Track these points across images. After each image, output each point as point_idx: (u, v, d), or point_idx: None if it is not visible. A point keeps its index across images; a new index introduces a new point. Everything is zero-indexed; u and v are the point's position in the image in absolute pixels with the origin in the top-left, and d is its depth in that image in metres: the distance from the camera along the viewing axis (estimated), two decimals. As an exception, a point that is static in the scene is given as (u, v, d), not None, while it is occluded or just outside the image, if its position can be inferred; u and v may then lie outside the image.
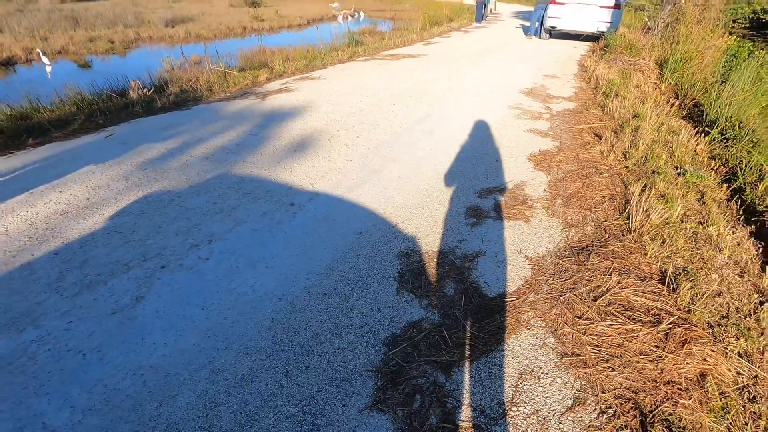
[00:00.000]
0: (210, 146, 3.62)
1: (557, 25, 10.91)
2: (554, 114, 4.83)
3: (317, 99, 5.21)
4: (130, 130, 4.09)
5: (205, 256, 2.16)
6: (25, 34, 15.63)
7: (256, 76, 6.49)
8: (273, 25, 22.07)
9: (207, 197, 2.75)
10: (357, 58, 8.44)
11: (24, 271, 2.01)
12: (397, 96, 5.40)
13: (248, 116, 4.51)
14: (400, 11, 30.98)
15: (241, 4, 32.55)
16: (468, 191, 2.95)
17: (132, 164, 3.25)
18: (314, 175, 3.11)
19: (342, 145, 3.71)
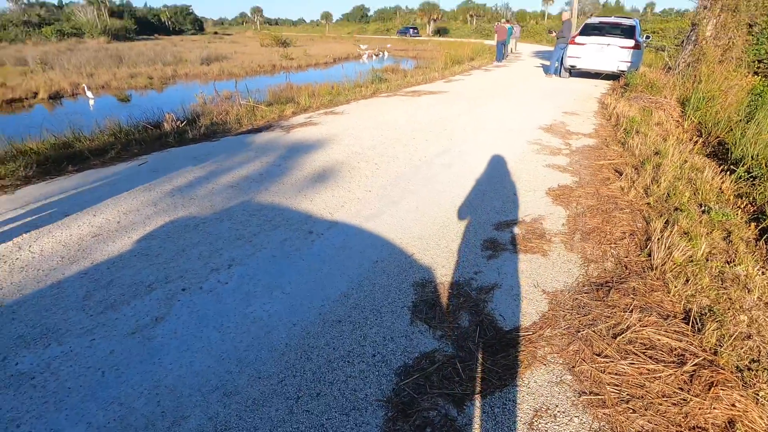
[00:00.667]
0: (235, 175, 3.77)
1: (577, 65, 11.09)
2: (574, 150, 4.84)
3: (340, 132, 5.39)
4: (162, 159, 4.31)
5: (224, 280, 2.22)
6: (73, 71, 16.86)
7: (282, 111, 6.79)
8: (301, 63, 23.18)
9: (230, 223, 2.84)
10: (379, 95, 8.74)
11: (54, 290, 2.11)
12: (418, 130, 5.53)
13: (273, 148, 4.70)
14: (422, 51, 32.17)
15: (271, 44, 34.47)
16: (485, 224, 2.95)
17: (161, 191, 3.40)
18: (333, 205, 3.19)
19: (362, 176, 3.80)
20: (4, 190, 3.47)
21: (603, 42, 10.57)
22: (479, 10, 73.62)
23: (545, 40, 39.47)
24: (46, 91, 13.40)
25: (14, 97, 12.76)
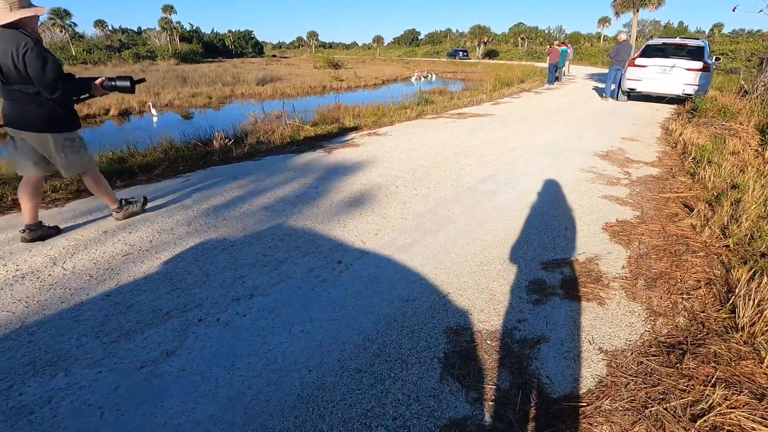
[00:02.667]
0: (271, 196, 3.72)
1: (637, 87, 10.44)
2: (634, 180, 4.40)
3: (381, 155, 5.27)
4: (204, 176, 4.36)
5: (243, 312, 2.08)
6: (143, 90, 18.24)
7: (327, 131, 6.81)
8: (350, 85, 23.73)
9: (258, 248, 2.74)
10: (424, 116, 8.62)
11: (75, 311, 2.06)
12: (461, 154, 5.30)
13: (312, 169, 4.64)
14: (471, 73, 32.03)
15: (324, 66, 35.77)
16: (531, 262, 2.65)
17: (197, 210, 3.39)
18: (367, 232, 3.01)
19: (399, 202, 3.62)
20: (55, 203, 3.61)
21: (667, 64, 9.89)
22: (531, 33, 72.78)
23: (600, 63, 38.11)
24: (116, 109, 14.51)
25: (89, 113, 13.90)
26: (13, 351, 1.79)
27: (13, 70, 2.40)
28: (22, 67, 2.39)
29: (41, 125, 2.58)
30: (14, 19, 2.37)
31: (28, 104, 2.53)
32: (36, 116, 2.56)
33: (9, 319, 2.00)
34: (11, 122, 2.59)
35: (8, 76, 2.44)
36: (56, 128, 2.64)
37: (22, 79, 2.45)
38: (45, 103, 2.54)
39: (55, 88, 2.49)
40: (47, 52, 2.47)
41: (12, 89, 2.49)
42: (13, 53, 2.36)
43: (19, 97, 2.52)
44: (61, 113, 2.64)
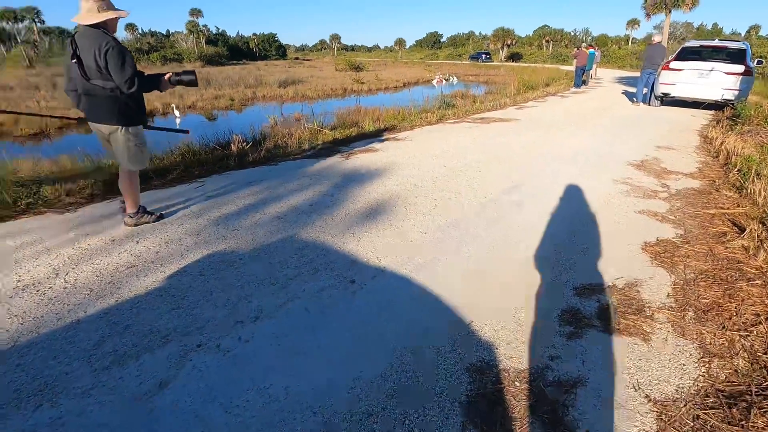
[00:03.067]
0: (284, 205, 3.57)
1: (671, 92, 9.94)
2: (673, 193, 4.07)
3: (400, 161, 5.07)
4: (218, 182, 4.26)
5: (246, 337, 1.92)
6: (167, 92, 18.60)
7: (345, 135, 6.66)
8: (371, 88, 23.65)
9: (267, 263, 2.58)
10: (446, 121, 8.38)
11: (70, 330, 1.94)
12: (484, 162, 5.05)
13: (329, 175, 4.48)
14: (494, 76, 31.48)
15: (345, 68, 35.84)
16: (563, 286, 2.41)
17: (208, 218, 3.27)
18: (382, 248, 2.82)
19: (418, 214, 3.41)
20: (67, 208, 3.55)
21: (705, 67, 9.37)
22: (556, 35, 71.38)
23: (629, 66, 36.96)
24: (141, 110, 14.82)
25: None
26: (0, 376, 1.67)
27: (94, 67, 2.61)
28: (103, 64, 2.59)
29: (114, 118, 2.78)
30: (100, 21, 2.61)
31: (105, 99, 2.73)
32: (110, 110, 2.75)
33: (1, 339, 1.88)
34: (89, 116, 2.83)
35: (89, 72, 2.65)
36: (126, 122, 2.83)
37: (102, 76, 2.65)
38: (119, 98, 2.74)
39: (132, 83, 2.68)
40: (126, 51, 2.68)
41: (92, 85, 2.69)
42: (96, 51, 2.57)
43: (98, 92, 2.71)
44: (132, 108, 2.83)
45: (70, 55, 2.65)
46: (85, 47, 2.60)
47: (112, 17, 2.66)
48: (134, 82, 2.69)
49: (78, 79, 2.69)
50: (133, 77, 2.68)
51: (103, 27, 2.65)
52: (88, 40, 2.59)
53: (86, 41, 2.60)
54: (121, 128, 2.82)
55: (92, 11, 2.59)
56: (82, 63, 2.63)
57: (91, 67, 2.62)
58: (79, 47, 2.62)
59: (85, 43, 2.60)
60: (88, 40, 2.60)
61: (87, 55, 2.60)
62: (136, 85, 2.70)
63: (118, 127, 2.81)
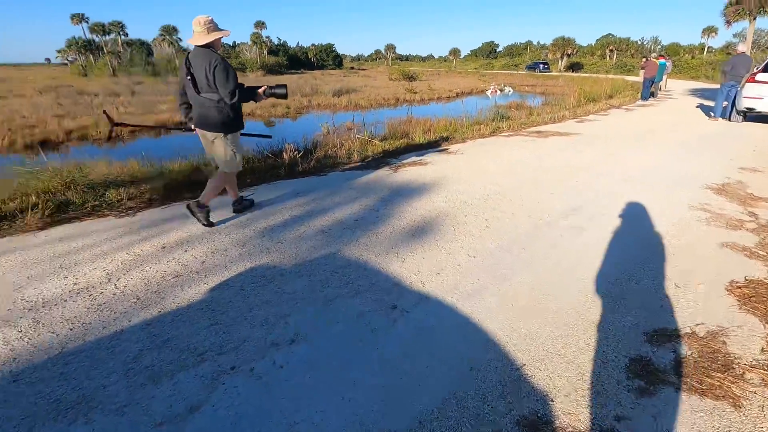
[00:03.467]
0: (329, 219, 3.52)
1: (757, 107, 8.96)
2: (764, 224, 3.57)
3: (450, 175, 4.90)
4: (268, 191, 4.31)
5: (281, 361, 1.84)
6: (230, 100, 19.63)
7: (395, 146, 6.58)
8: (423, 97, 23.59)
9: (307, 281, 2.51)
10: (500, 134, 8.08)
11: (113, 340, 1.96)
12: (541, 180, 4.75)
13: (376, 188, 4.40)
14: (551, 86, 30.30)
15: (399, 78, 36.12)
16: (632, 330, 2.12)
17: (254, 229, 3.28)
18: (428, 270, 2.66)
19: (467, 235, 3.22)
20: (127, 212, 3.73)
21: (800, 80, 8.35)
22: (621, 44, 67.71)
23: (703, 77, 34.13)
24: (204, 117, 15.71)
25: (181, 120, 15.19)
26: (43, 384, 1.70)
27: (204, 81, 2.99)
28: (211, 79, 2.97)
29: (218, 126, 3.14)
30: (209, 41, 2.99)
31: (211, 109, 3.09)
32: (215, 118, 3.11)
33: (51, 343, 1.94)
34: (198, 124, 3.21)
35: (200, 86, 3.03)
36: (228, 129, 3.18)
37: (210, 89, 3.02)
38: (223, 108, 3.09)
39: (234, 95, 3.03)
40: (230, 67, 3.03)
41: (202, 97, 3.07)
42: (206, 67, 2.95)
43: (206, 104, 3.08)
44: (233, 117, 3.17)
45: (185, 72, 3.05)
46: (197, 65, 2.99)
47: (218, 37, 3.03)
48: (235, 94, 3.03)
49: (191, 93, 3.10)
50: (235, 90, 3.02)
51: (211, 46, 3.04)
52: (200, 58, 2.98)
53: (198, 59, 2.99)
54: (222, 135, 3.17)
55: (203, 33, 2.98)
56: (194, 79, 3.02)
57: (202, 81, 3.01)
58: (192, 65, 3.02)
59: (197, 61, 2.99)
60: (199, 58, 2.98)
61: (199, 71, 2.99)
62: (236, 97, 3.04)
63: (220, 134, 3.17)
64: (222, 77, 2.96)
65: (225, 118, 3.13)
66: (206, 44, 3.00)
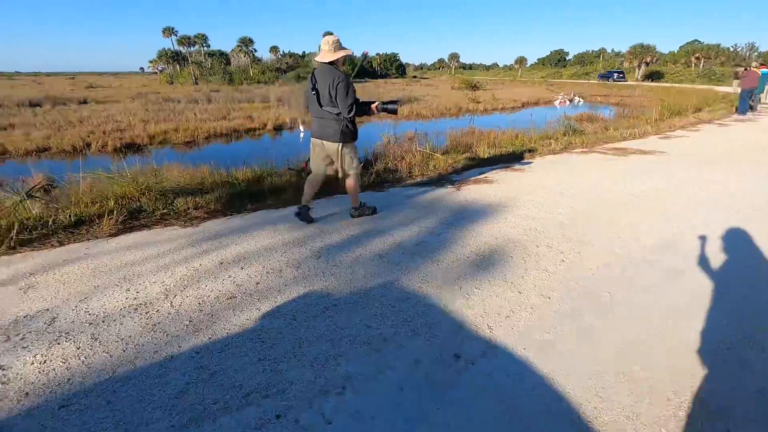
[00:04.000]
0: (388, 241, 3.32)
1: None
2: None
3: (518, 196, 4.52)
4: (326, 206, 4.22)
5: (329, 414, 1.65)
6: (296, 108, 20.32)
7: (457, 161, 6.30)
8: (487, 107, 22.94)
9: (362, 315, 2.32)
10: (572, 150, 7.49)
11: (161, 368, 1.89)
12: (623, 205, 4.23)
13: (438, 208, 4.15)
14: (627, 97, 28.19)
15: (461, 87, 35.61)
16: (754, 415, 1.69)
17: (310, 249, 3.17)
18: (495, 312, 2.37)
19: (540, 270, 2.88)
20: (191, 222, 3.80)
21: None
22: (709, 52, 61.77)
23: (815, 87, 29.87)
24: (272, 124, 16.32)
25: (251, 127, 15.90)
26: (90, 413, 1.65)
27: (327, 96, 3.29)
28: (333, 94, 3.25)
29: (337, 137, 3.43)
30: (334, 59, 3.28)
31: (331, 121, 3.40)
32: (334, 130, 3.41)
33: (104, 364, 1.91)
34: (318, 135, 3.53)
35: (323, 100, 3.33)
36: (345, 139, 3.47)
37: (331, 103, 3.31)
38: (341, 121, 3.38)
39: (351, 109, 3.31)
40: (350, 84, 3.28)
41: (323, 110, 3.37)
42: (330, 83, 3.24)
43: (327, 116, 3.39)
44: (350, 128, 3.46)
45: (311, 87, 3.36)
46: (321, 80, 3.29)
47: (342, 56, 3.32)
48: (353, 108, 3.32)
49: (314, 106, 3.40)
50: (353, 104, 3.31)
51: (335, 63, 3.32)
52: (325, 74, 3.28)
53: (323, 75, 3.29)
54: (340, 145, 3.47)
55: (329, 52, 3.28)
56: (318, 93, 3.32)
57: (325, 96, 3.30)
58: (317, 81, 3.32)
59: (322, 77, 3.29)
60: (324, 74, 3.28)
61: (323, 86, 3.28)
62: (354, 111, 3.33)
63: (339, 144, 3.46)
64: (342, 93, 3.23)
65: (344, 129, 3.41)
66: (331, 62, 3.28)
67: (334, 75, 3.24)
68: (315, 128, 3.54)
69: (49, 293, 2.53)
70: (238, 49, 60.35)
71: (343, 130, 3.41)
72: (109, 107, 20.45)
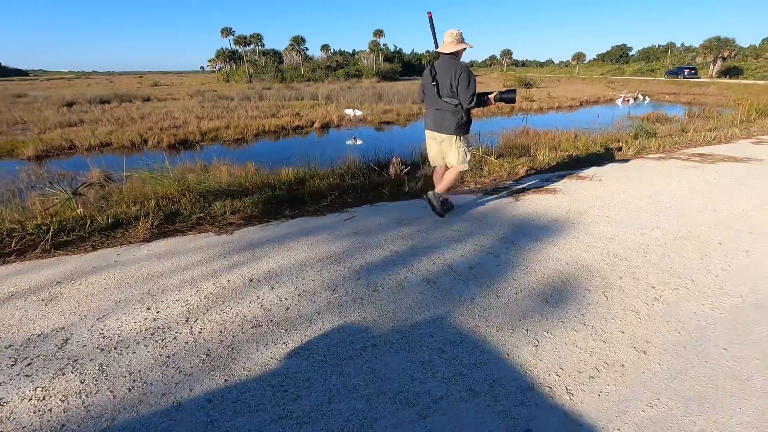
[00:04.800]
0: (437, 261, 2.89)
1: None
2: None
3: (589, 210, 3.92)
4: (369, 215, 3.85)
5: None
6: (344, 105, 20.23)
7: (514, 167, 5.71)
8: (542, 106, 21.73)
9: (406, 361, 1.92)
10: (646, 155, 6.64)
11: (166, 419, 1.59)
12: (722, 227, 3.52)
13: (494, 222, 3.65)
14: (700, 95, 25.72)
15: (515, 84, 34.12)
16: None
17: (349, 267, 2.81)
18: (574, 368, 1.88)
19: (628, 311, 2.32)
20: (226, 228, 3.56)
21: None
22: (800, 44, 55.35)
23: None
24: (320, 122, 16.25)
25: (299, 124, 15.93)
26: (74, 479, 1.37)
27: (448, 87, 3.28)
28: (455, 85, 3.24)
29: (452, 129, 3.42)
30: (456, 50, 3.29)
31: (447, 113, 3.40)
32: (450, 121, 3.41)
33: (104, 408, 1.64)
34: (433, 127, 3.56)
35: (443, 91, 3.33)
36: (460, 132, 3.46)
37: (451, 94, 3.30)
38: (458, 113, 3.37)
39: (472, 99, 3.28)
40: (471, 75, 3.24)
41: (442, 102, 3.37)
42: (452, 74, 3.24)
43: (444, 108, 3.39)
44: (465, 120, 3.44)
45: (431, 78, 3.35)
46: (442, 71, 3.30)
47: (464, 48, 3.33)
48: (473, 100, 3.28)
49: (431, 98, 3.44)
50: (474, 95, 3.28)
51: (455, 55, 3.33)
52: (446, 65, 3.29)
53: (444, 67, 3.30)
54: (456, 137, 3.47)
55: (452, 43, 3.30)
56: (438, 85, 3.32)
57: (445, 87, 3.30)
58: (438, 72, 3.33)
59: (443, 68, 3.30)
60: (445, 65, 3.30)
61: (443, 78, 3.29)
62: (474, 102, 3.29)
63: (455, 136, 3.47)
64: (465, 83, 3.22)
65: (459, 120, 3.40)
66: (452, 52, 3.29)
67: (457, 66, 3.25)
68: (430, 121, 3.57)
69: (69, 307, 2.35)
70: (291, 47, 61.75)
71: (459, 122, 3.40)
72: (169, 104, 21.41)
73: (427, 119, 3.61)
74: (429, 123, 3.59)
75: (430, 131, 3.60)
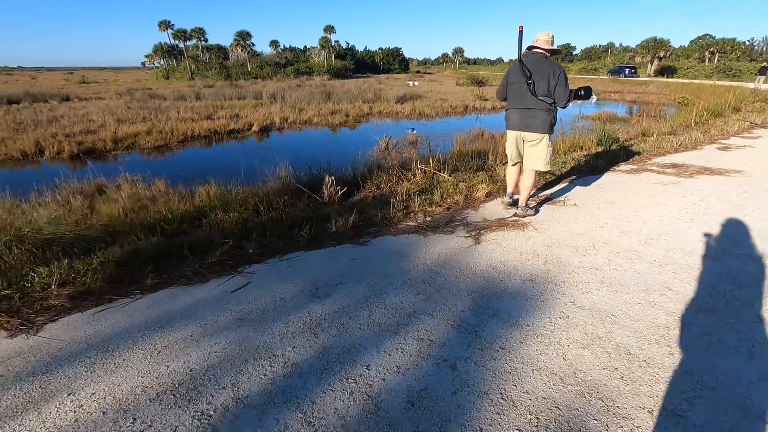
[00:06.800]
0: (357, 390, 1.74)
1: None
2: None
3: (569, 259, 2.93)
4: (271, 281, 2.64)
5: None
6: (289, 106, 18.63)
7: (472, 188, 4.69)
8: (495, 105, 21.23)
9: None
10: (617, 168, 5.85)
11: None
12: (746, 287, 2.61)
13: (448, 287, 2.56)
14: (642, 94, 26.40)
15: (466, 83, 33.87)
16: None
17: (205, 409, 1.60)
18: None
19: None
20: (33, 321, 2.24)
21: None
22: (724, 46, 59.57)
23: None
24: (258, 125, 14.63)
25: (234, 128, 14.24)
26: None
27: (545, 86, 3.29)
28: (553, 84, 3.27)
29: (544, 128, 3.41)
30: (552, 48, 3.40)
31: (540, 112, 3.37)
32: (542, 120, 3.38)
33: None
34: (519, 126, 3.50)
35: (538, 91, 3.30)
36: (549, 130, 3.44)
37: (547, 94, 3.31)
38: (551, 111, 3.38)
39: (568, 100, 3.32)
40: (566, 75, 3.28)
41: (537, 100, 3.33)
42: (551, 73, 3.27)
43: (537, 107, 3.36)
44: (554, 120, 3.44)
45: (526, 76, 3.28)
46: (538, 71, 3.27)
47: (556, 48, 3.41)
48: (569, 99, 3.28)
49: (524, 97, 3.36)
50: (569, 95, 3.28)
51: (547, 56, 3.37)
52: (544, 65, 3.28)
53: (541, 66, 3.28)
54: (546, 136, 3.43)
55: (549, 42, 3.38)
56: (534, 83, 3.26)
57: (542, 86, 3.27)
58: (533, 71, 3.27)
59: (540, 67, 3.28)
60: (540, 65, 3.29)
61: (540, 77, 3.26)
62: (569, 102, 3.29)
63: (544, 136, 3.42)
64: (563, 83, 3.25)
65: (551, 119, 3.39)
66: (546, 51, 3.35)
67: (554, 65, 3.27)
68: (517, 120, 3.49)
69: None
70: (236, 43, 58.59)
71: (551, 121, 3.39)
72: (90, 105, 18.91)
73: (512, 118, 3.53)
74: (515, 122, 3.51)
75: (518, 131, 3.53)
